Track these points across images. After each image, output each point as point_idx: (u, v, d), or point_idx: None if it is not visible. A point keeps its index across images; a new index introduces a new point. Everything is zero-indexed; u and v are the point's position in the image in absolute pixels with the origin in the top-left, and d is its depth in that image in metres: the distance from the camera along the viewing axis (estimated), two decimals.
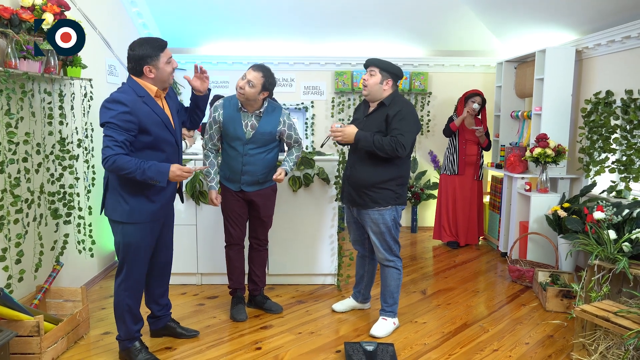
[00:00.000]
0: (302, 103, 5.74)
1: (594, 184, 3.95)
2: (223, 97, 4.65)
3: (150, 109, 2.47)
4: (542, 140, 4.08)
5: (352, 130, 2.86)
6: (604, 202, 3.51)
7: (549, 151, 4.00)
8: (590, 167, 4.04)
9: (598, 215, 3.32)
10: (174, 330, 3.00)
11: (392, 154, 2.80)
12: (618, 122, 3.88)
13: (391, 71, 2.93)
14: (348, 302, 3.42)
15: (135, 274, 2.61)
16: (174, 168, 2.43)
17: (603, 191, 3.93)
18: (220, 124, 3.08)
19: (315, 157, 3.74)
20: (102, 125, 2.38)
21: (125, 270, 2.59)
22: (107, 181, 2.53)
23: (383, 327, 3.05)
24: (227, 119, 3.05)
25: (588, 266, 3.08)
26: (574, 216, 3.74)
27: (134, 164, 2.33)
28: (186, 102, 5.61)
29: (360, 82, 3.02)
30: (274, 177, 3.05)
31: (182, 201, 2.96)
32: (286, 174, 3.12)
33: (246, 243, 3.38)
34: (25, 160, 2.81)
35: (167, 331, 3.00)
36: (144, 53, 2.43)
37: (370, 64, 2.97)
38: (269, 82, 2.97)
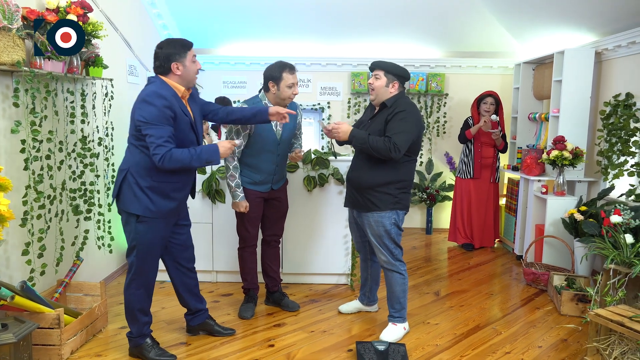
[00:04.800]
0: (319, 104, 5.77)
1: (612, 188, 3.89)
2: (225, 98, 4.72)
3: (180, 108, 2.53)
4: (559, 142, 4.03)
5: (347, 128, 2.82)
6: (622, 205, 3.46)
7: (566, 154, 3.96)
8: (609, 170, 3.98)
9: (615, 219, 3.28)
10: (211, 327, 3.01)
11: (385, 155, 2.72)
12: (638, 125, 3.82)
13: (397, 73, 2.88)
14: (354, 304, 3.41)
15: (147, 272, 2.63)
16: (222, 144, 2.58)
17: (621, 195, 3.88)
18: (251, 130, 3.04)
19: (330, 158, 3.77)
20: (141, 122, 2.40)
21: (135, 268, 2.60)
22: (126, 174, 2.52)
23: (393, 332, 3.01)
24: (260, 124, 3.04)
25: (603, 270, 3.05)
26: (591, 219, 3.69)
27: (187, 154, 2.46)
28: None
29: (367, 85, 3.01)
30: (295, 153, 3.18)
31: (193, 197, 2.89)
32: None
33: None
34: (48, 157, 2.90)
35: (205, 328, 3.02)
36: (172, 51, 2.54)
37: (375, 67, 2.92)
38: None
